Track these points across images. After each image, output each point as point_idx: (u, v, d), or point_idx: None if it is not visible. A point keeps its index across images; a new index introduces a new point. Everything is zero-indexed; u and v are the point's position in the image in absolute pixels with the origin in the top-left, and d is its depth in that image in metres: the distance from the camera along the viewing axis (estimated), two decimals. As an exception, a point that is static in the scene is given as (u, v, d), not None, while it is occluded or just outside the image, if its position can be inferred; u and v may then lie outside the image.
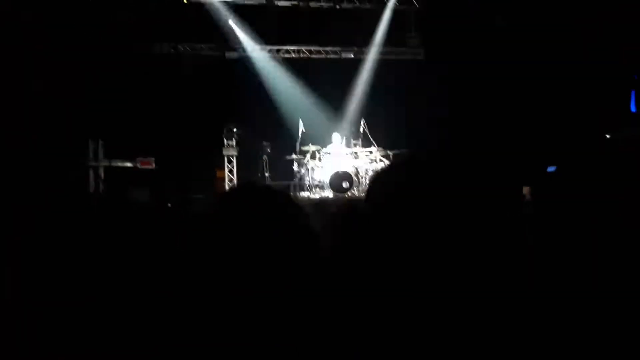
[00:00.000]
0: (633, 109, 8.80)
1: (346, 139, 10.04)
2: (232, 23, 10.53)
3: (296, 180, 9.73)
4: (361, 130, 9.65)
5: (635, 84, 8.73)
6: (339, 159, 9.44)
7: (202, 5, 10.27)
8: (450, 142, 9.91)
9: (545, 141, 8.61)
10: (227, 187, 10.47)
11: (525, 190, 7.37)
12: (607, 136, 8.10)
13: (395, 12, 11.06)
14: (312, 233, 1.43)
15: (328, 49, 11.43)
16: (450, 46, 10.41)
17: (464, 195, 1.36)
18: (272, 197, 1.39)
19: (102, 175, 9.31)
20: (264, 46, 11.13)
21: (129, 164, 9.47)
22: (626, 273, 1.58)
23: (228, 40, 10.82)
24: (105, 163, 9.29)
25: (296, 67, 11.21)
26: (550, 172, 7.47)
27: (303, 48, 11.32)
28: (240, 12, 10.46)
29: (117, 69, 9.65)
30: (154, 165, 9.51)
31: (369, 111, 10.59)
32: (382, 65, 11.38)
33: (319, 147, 9.58)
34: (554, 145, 8.21)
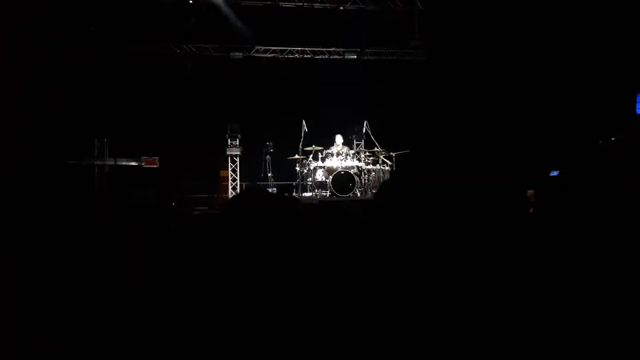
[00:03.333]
0: (639, 110, 8.82)
1: (349, 139, 10.10)
2: (236, 23, 10.60)
3: (299, 180, 9.80)
4: (364, 131, 9.70)
5: None
6: (341, 160, 9.50)
7: (207, 5, 10.36)
8: (453, 143, 9.95)
9: (549, 144, 8.63)
10: (229, 187, 10.56)
11: (529, 193, 7.41)
12: (612, 139, 8.12)
13: (399, 13, 11.11)
14: (311, 234, 1.50)
15: (331, 49, 11.51)
16: (453, 48, 10.45)
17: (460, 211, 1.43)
18: (276, 200, 1.46)
19: (107, 173, 9.41)
20: (268, 47, 11.22)
21: (134, 163, 9.57)
22: (624, 272, 1.64)
23: (232, 41, 10.91)
24: (110, 162, 9.39)
25: (300, 68, 11.29)
26: (553, 177, 7.52)
27: (307, 49, 11.39)
28: (245, 12, 10.53)
29: (122, 68, 9.76)
30: (158, 164, 9.60)
31: (372, 112, 10.65)
32: (385, 66, 11.44)
33: (321, 148, 9.64)
34: (559, 149, 8.24)
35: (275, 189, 9.61)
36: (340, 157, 9.54)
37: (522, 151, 8.90)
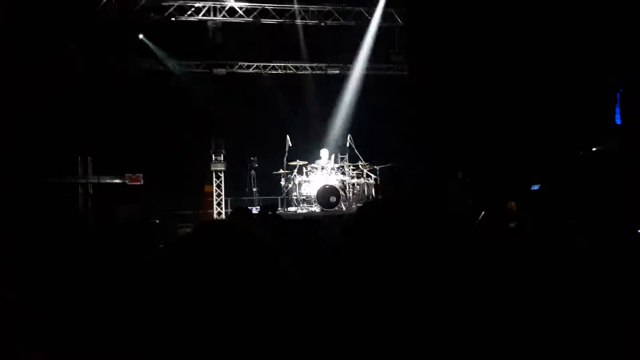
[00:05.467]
0: (618, 121, 9.03)
1: (333, 154, 10.19)
2: (219, 40, 10.69)
3: (283, 195, 9.83)
4: (347, 145, 9.79)
5: (620, 97, 8.97)
6: (326, 174, 9.56)
7: (189, 22, 10.44)
8: (435, 157, 10.09)
9: (530, 157, 8.79)
10: (214, 202, 10.54)
11: (512, 205, 7.53)
12: (594, 149, 8.30)
13: (380, 29, 11.29)
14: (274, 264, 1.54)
15: (314, 65, 11.64)
16: (434, 63, 10.63)
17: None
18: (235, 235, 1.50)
19: (91, 191, 9.35)
20: (251, 63, 11.31)
21: (117, 181, 9.53)
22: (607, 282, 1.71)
23: (215, 57, 10.99)
24: (94, 180, 9.34)
25: (283, 83, 11.39)
26: (534, 190, 7.66)
27: (289, 64, 11.51)
28: (228, 29, 10.63)
29: (105, 86, 9.75)
30: (142, 181, 9.57)
31: (355, 126, 10.77)
32: (368, 81, 11.59)
33: (306, 162, 9.71)
34: (540, 161, 8.40)
35: (258, 207, 9.61)
36: (324, 171, 9.60)
37: (503, 164, 9.05)
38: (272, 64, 11.44)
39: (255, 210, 8.78)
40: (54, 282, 1.90)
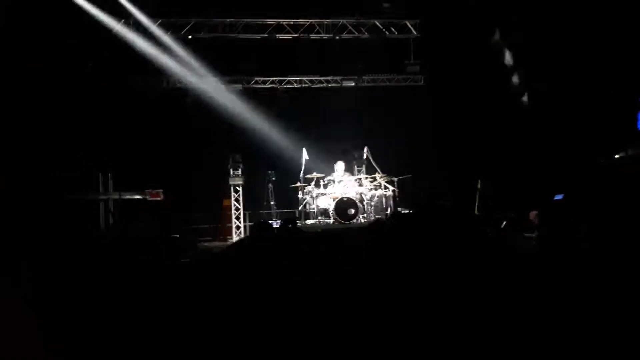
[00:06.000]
0: None
1: (350, 166, 10.18)
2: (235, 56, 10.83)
3: (301, 207, 9.84)
4: (364, 157, 9.78)
5: None
6: (343, 186, 9.56)
7: (205, 39, 10.60)
8: (453, 167, 10.03)
9: (551, 166, 8.68)
10: (233, 216, 10.60)
11: (532, 215, 7.43)
12: (616, 156, 8.16)
13: (394, 41, 11.33)
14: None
15: (329, 78, 11.70)
16: (449, 72, 10.61)
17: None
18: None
19: (112, 207, 9.47)
20: (267, 78, 11.42)
21: (138, 196, 9.64)
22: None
23: (231, 73, 11.14)
24: (115, 196, 9.47)
25: (299, 97, 11.47)
26: (557, 200, 7.55)
27: (305, 78, 11.59)
28: (243, 45, 10.76)
29: (124, 103, 9.93)
30: (162, 196, 9.67)
31: (372, 138, 10.77)
32: (383, 93, 11.61)
33: (323, 175, 9.72)
34: (561, 170, 8.29)
35: (279, 221, 9.63)
36: (342, 184, 9.60)
37: (524, 174, 8.95)
38: (287, 79, 11.53)
39: (275, 224, 8.81)
40: (77, 295, 1.92)
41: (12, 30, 8.04)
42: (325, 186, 9.65)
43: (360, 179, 9.79)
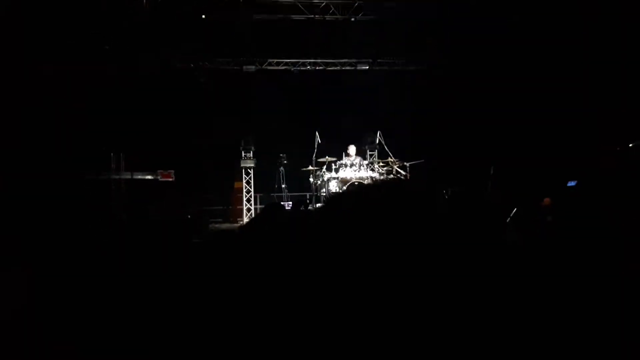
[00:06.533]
0: None
1: (362, 150, 10.12)
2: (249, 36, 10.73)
3: (312, 191, 9.81)
4: (377, 141, 9.70)
5: None
6: (354, 170, 9.50)
7: (220, 20, 10.50)
8: (467, 152, 9.93)
9: (565, 153, 8.57)
10: (244, 198, 10.61)
11: (546, 200, 7.34)
12: (630, 145, 8.02)
13: (411, 23, 11.12)
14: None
15: (344, 60, 11.57)
16: (467, 57, 10.45)
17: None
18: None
19: (124, 187, 9.53)
20: (280, 59, 11.33)
21: (150, 177, 9.68)
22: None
23: (245, 54, 11.05)
24: (127, 176, 9.51)
25: (312, 79, 11.37)
26: (571, 187, 7.45)
27: (319, 60, 11.47)
28: (257, 27, 10.65)
29: (138, 84, 9.92)
30: (174, 177, 9.71)
31: (385, 122, 10.68)
32: (398, 76, 11.46)
33: (335, 159, 9.66)
34: (575, 157, 8.17)
35: (291, 202, 9.63)
36: (353, 168, 9.54)
37: (541, 159, 8.83)
38: (301, 61, 11.42)
39: (287, 206, 8.80)
40: (88, 275, 1.92)
41: (24, 11, 8.02)
42: (336, 170, 9.60)
43: (372, 163, 9.72)
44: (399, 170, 9.61)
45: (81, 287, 1.76)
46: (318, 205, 9.59)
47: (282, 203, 9.32)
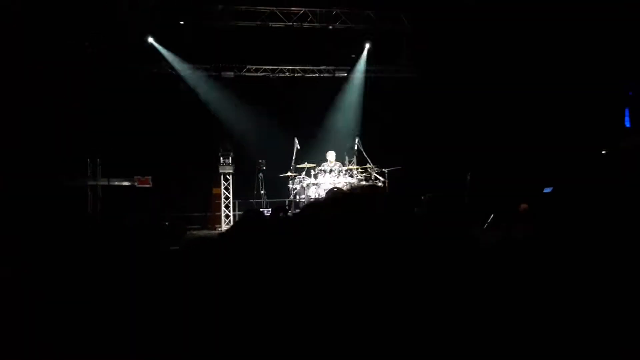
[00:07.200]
0: (627, 124, 8.98)
1: (341, 156, 10.18)
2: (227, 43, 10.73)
3: (291, 197, 9.83)
4: (355, 147, 9.77)
5: (629, 100, 8.91)
6: (333, 176, 9.56)
7: (198, 27, 10.48)
8: (444, 159, 10.06)
9: (542, 159, 8.75)
10: (222, 204, 10.57)
11: (523, 207, 7.48)
12: (603, 152, 8.23)
13: (387, 31, 11.26)
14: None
15: (322, 67, 11.65)
16: (442, 64, 10.61)
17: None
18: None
19: (100, 194, 9.40)
20: (259, 66, 11.34)
21: (127, 183, 9.57)
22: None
23: (224, 61, 11.05)
24: (104, 182, 9.39)
25: (291, 86, 11.41)
26: (547, 193, 7.61)
27: (297, 67, 11.52)
28: (236, 33, 10.66)
29: (114, 89, 9.82)
30: (151, 183, 9.61)
31: (363, 129, 10.77)
32: (376, 83, 11.58)
33: (314, 165, 9.70)
34: (553, 162, 8.35)
35: (269, 209, 9.61)
36: (332, 174, 9.60)
37: (515, 166, 9.00)
38: (279, 67, 11.46)
39: (266, 212, 8.78)
40: (63, 281, 1.91)
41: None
42: (315, 176, 9.64)
43: (351, 169, 9.79)
44: (377, 176, 9.70)
45: (55, 289, 1.76)
46: (297, 211, 9.61)
47: (261, 209, 9.30)
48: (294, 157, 9.61)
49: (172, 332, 1.49)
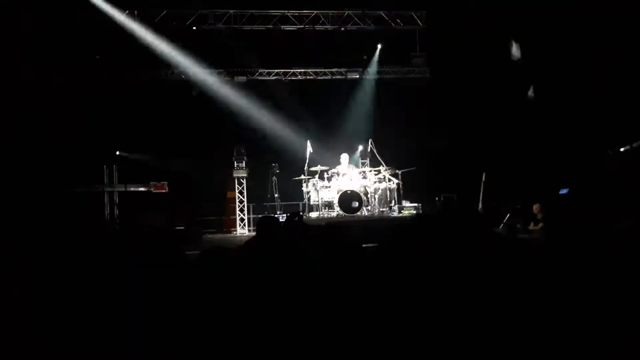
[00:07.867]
0: None
1: (354, 159, 10.16)
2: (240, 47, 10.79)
3: (305, 200, 9.84)
4: (369, 149, 9.74)
5: None
6: (347, 179, 9.54)
7: (210, 31, 10.57)
8: (458, 160, 10.00)
9: (556, 160, 8.65)
10: (237, 208, 10.62)
11: (536, 208, 7.40)
12: (621, 149, 8.13)
13: (400, 32, 11.24)
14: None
15: (334, 70, 11.65)
16: (456, 64, 10.54)
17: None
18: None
19: (117, 199, 9.51)
20: (271, 70, 11.39)
21: (143, 189, 9.67)
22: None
23: (236, 65, 11.11)
24: (120, 188, 9.50)
25: (304, 89, 11.42)
26: (563, 194, 7.53)
27: (309, 70, 11.54)
28: (248, 37, 10.72)
29: (129, 96, 9.93)
30: (167, 188, 9.70)
31: (376, 131, 10.73)
32: (389, 85, 11.55)
33: (327, 168, 9.70)
34: (566, 164, 8.26)
35: (284, 214, 9.62)
36: (346, 177, 9.58)
37: (529, 168, 8.92)
38: (292, 70, 11.49)
39: (282, 217, 8.81)
40: (79, 287, 1.93)
41: (17, 23, 8.03)
42: (329, 179, 9.63)
43: (364, 171, 9.77)
44: (391, 177, 9.66)
45: (71, 294, 1.78)
46: (311, 214, 9.61)
47: (275, 215, 9.33)
48: (307, 160, 9.62)
49: (196, 339, 1.50)
